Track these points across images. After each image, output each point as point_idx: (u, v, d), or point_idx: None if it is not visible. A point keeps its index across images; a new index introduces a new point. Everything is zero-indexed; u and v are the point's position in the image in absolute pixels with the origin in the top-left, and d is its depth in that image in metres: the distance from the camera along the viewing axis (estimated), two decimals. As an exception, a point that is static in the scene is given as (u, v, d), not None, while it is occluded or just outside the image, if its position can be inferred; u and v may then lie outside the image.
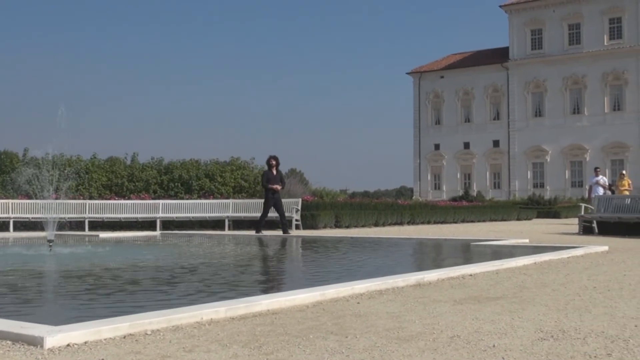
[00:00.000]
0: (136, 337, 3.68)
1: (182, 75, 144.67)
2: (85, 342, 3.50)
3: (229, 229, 20.89)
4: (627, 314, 4.49)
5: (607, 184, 23.90)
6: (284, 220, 17.24)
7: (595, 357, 3.25)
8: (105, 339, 3.59)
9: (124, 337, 3.65)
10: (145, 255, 10.35)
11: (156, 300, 5.35)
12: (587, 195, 32.11)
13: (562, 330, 3.89)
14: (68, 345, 3.42)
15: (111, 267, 8.08)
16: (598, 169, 25.14)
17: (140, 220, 21.28)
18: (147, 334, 3.76)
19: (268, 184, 16.73)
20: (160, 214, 21.32)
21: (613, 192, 31.49)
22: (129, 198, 22.67)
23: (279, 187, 16.80)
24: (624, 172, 23.76)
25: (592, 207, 16.92)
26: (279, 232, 17.42)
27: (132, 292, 5.90)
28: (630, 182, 23.45)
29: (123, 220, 21.20)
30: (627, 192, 22.44)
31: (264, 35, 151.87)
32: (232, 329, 3.95)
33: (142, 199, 22.42)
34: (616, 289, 5.79)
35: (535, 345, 3.51)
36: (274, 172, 16.82)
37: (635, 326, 4.03)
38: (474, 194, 57.81)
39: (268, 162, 16.95)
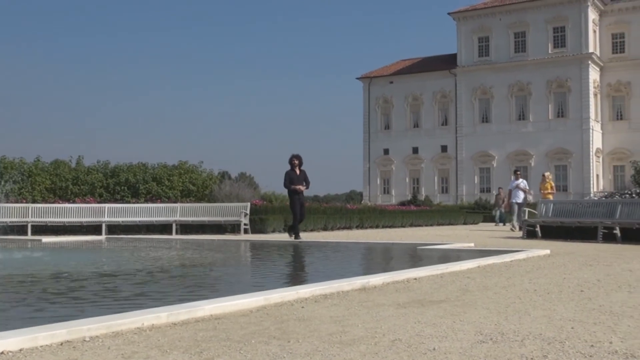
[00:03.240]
0: (74, 344, 3.60)
1: (129, 78, 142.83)
2: (21, 350, 3.41)
3: (177, 234, 20.67)
4: (564, 316, 4.59)
5: (527, 187, 23.08)
6: (296, 224, 15.90)
7: (531, 359, 3.31)
8: (41, 346, 3.50)
9: (61, 344, 3.57)
10: (89, 259, 10.17)
11: (97, 306, 5.25)
12: (502, 200, 32.30)
13: (501, 333, 3.95)
14: (2, 353, 3.33)
15: (52, 272, 7.91)
16: (518, 172, 24.28)
17: (85, 224, 20.90)
18: (85, 340, 3.69)
19: (291, 184, 15.52)
20: (106, 218, 20.97)
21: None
22: (74, 202, 22.24)
23: (302, 187, 15.58)
24: (546, 174, 22.62)
25: (505, 212, 17.14)
26: (231, 237, 17.27)
27: (73, 298, 5.78)
28: (553, 184, 22.49)
29: (67, 224, 20.78)
30: (550, 195, 21.69)
31: (214, 39, 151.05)
32: (173, 334, 3.90)
33: (88, 202, 22.02)
34: (556, 291, 5.91)
35: (474, 347, 3.55)
36: (297, 171, 15.63)
37: (572, 328, 4.12)
38: (422, 198, 58.50)
39: (290, 162, 15.70)
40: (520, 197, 22.24)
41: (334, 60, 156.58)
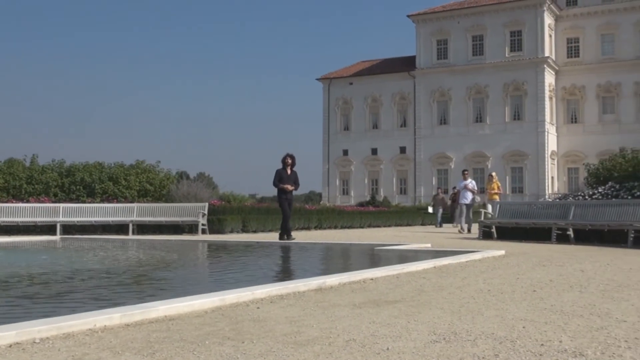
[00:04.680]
0: (23, 346, 3.54)
1: (87, 76, 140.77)
2: (-33, 352, 3.34)
3: (133, 234, 20.43)
4: (516, 315, 4.66)
5: (476, 188, 22.34)
6: (286, 224, 15.54)
7: (483, 358, 3.35)
8: (-11, 349, 3.43)
9: (10, 346, 3.50)
10: (41, 260, 9.99)
11: (48, 307, 5.16)
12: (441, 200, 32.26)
13: (454, 333, 3.99)
14: (-53, 355, 3.26)
15: (1, 273, 7.75)
16: (466, 172, 23.45)
17: (39, 224, 20.50)
18: (35, 342, 3.63)
19: (280, 183, 15.27)
20: (61, 218, 20.62)
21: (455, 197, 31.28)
22: (28, 201, 21.81)
23: (290, 187, 15.34)
24: (492, 174, 22.36)
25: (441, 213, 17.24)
26: (188, 237, 17.11)
27: (23, 299, 5.67)
28: (499, 184, 22.15)
29: (21, 224, 20.35)
30: (496, 196, 21.64)
31: (174, 38, 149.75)
32: (126, 335, 3.85)
33: (42, 202, 21.62)
34: (509, 291, 5.99)
35: (427, 347, 3.59)
36: (288, 171, 15.39)
37: (523, 327, 4.19)
38: (381, 199, 58.82)
39: (284, 161, 15.45)
40: (468, 197, 21.88)
41: (294, 60, 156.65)
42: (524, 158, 62.91)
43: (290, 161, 15.43)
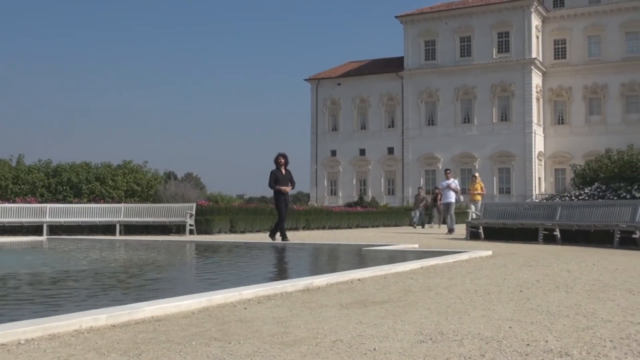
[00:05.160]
0: (8, 347, 3.52)
1: (73, 75, 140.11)
2: (-49, 354, 3.31)
3: (120, 234, 20.35)
4: (503, 316, 4.68)
5: (458, 187, 22.22)
6: (282, 225, 15.42)
7: (469, 358, 3.36)
8: (-27, 350, 3.41)
9: (-5, 348, 3.48)
10: (27, 261, 9.93)
11: (35, 308, 5.13)
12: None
13: (441, 333, 4.00)
14: None
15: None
16: (449, 172, 23.07)
17: (26, 224, 20.36)
18: (20, 343, 3.61)
19: (276, 184, 15.08)
20: (48, 219, 20.50)
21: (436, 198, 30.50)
22: (14, 201, 21.67)
23: (287, 188, 15.18)
24: (476, 174, 22.07)
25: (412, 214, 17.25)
26: (176, 237, 17.08)
27: (9, 300, 5.63)
28: (482, 185, 21.87)
29: (7, 224, 20.20)
30: (479, 197, 21.38)
31: (161, 38, 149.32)
32: (112, 336, 3.84)
33: (28, 202, 21.48)
34: (495, 292, 6.02)
35: (414, 347, 3.59)
36: (283, 171, 15.24)
37: (510, 327, 4.20)
38: (369, 199, 58.85)
39: (276, 161, 15.31)
40: (451, 197, 21.63)
41: (282, 61, 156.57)
42: (511, 159, 63.15)
43: (283, 161, 15.28)
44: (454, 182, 22.09)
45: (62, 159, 27.33)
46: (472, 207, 20.81)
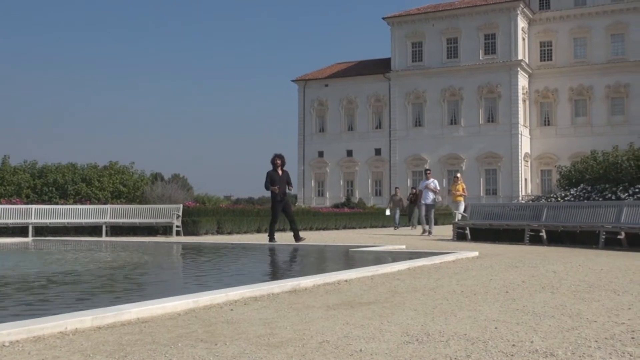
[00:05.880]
0: (-8, 349, 3.49)
1: (58, 75, 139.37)
2: None
3: (107, 236, 20.26)
4: (489, 316, 4.69)
5: (438, 188, 21.91)
6: (294, 226, 15.38)
7: (455, 358, 3.37)
8: (-43, 352, 3.38)
9: (-21, 350, 3.46)
10: (12, 262, 9.86)
11: (19, 309, 5.10)
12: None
13: (427, 334, 4.01)
14: None
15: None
16: (428, 172, 22.79)
17: (11, 225, 20.23)
18: (4, 345, 3.58)
19: (272, 185, 15.02)
20: (33, 220, 20.38)
21: (414, 197, 28.85)
22: (-1, 202, 21.53)
23: (279, 189, 15.05)
24: (458, 175, 21.77)
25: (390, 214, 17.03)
26: (162, 239, 17.02)
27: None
28: (464, 186, 21.52)
29: (-8, 226, 20.09)
30: (461, 198, 21.06)
31: (147, 38, 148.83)
32: (97, 338, 3.82)
33: (14, 203, 21.34)
34: (482, 292, 6.04)
35: (400, 348, 3.60)
36: (279, 172, 15.18)
37: (496, 328, 4.22)
38: (356, 200, 58.89)
39: (273, 162, 15.24)
40: (429, 197, 21.43)
41: (270, 62, 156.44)
42: (497, 160, 63.42)
43: (279, 162, 15.25)
44: (434, 183, 21.87)
45: (48, 160, 27.27)
46: (455, 208, 20.67)
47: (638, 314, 4.85)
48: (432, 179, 22.00)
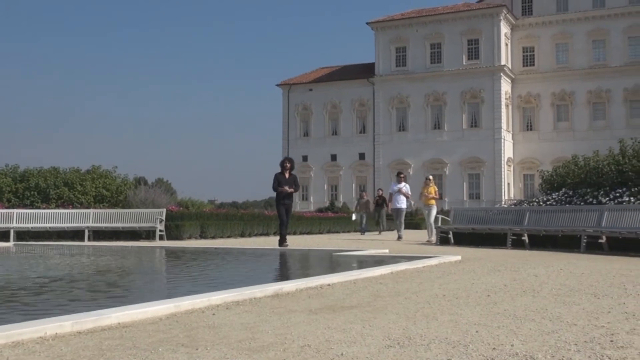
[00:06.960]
0: (-30, 355, 3.46)
1: (42, 81, 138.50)
2: None
3: (89, 240, 20.14)
4: (470, 320, 4.71)
5: (409, 192, 21.46)
6: (283, 231, 15.55)
7: (436, 362, 3.38)
8: None
9: (-44, 356, 3.42)
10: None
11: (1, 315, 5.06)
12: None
13: (409, 338, 4.02)
14: None
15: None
16: (401, 175, 22.13)
17: (-9, 230, 20.08)
18: (-17, 351, 3.54)
19: (279, 187, 15.15)
20: (15, 224, 20.23)
21: (384, 201, 28.11)
22: (-20, 207, 21.34)
23: (288, 189, 15.18)
24: (430, 177, 20.99)
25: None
26: (145, 243, 16.92)
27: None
28: (436, 189, 20.56)
29: (-28, 230, 19.92)
30: (432, 201, 20.02)
31: (130, 43, 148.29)
32: (77, 343, 3.79)
33: (-6, 208, 21.17)
34: (464, 296, 6.06)
35: (381, 352, 3.60)
36: (287, 175, 15.33)
37: (477, 332, 4.24)
38: (340, 205, 58.98)
39: (282, 164, 15.41)
40: (402, 202, 20.94)
41: (254, 66, 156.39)
42: (480, 165, 63.75)
43: (288, 165, 15.45)
44: (405, 187, 21.40)
45: (30, 164, 27.04)
46: (426, 211, 19.81)
47: (617, 318, 4.88)
48: (403, 183, 21.50)
